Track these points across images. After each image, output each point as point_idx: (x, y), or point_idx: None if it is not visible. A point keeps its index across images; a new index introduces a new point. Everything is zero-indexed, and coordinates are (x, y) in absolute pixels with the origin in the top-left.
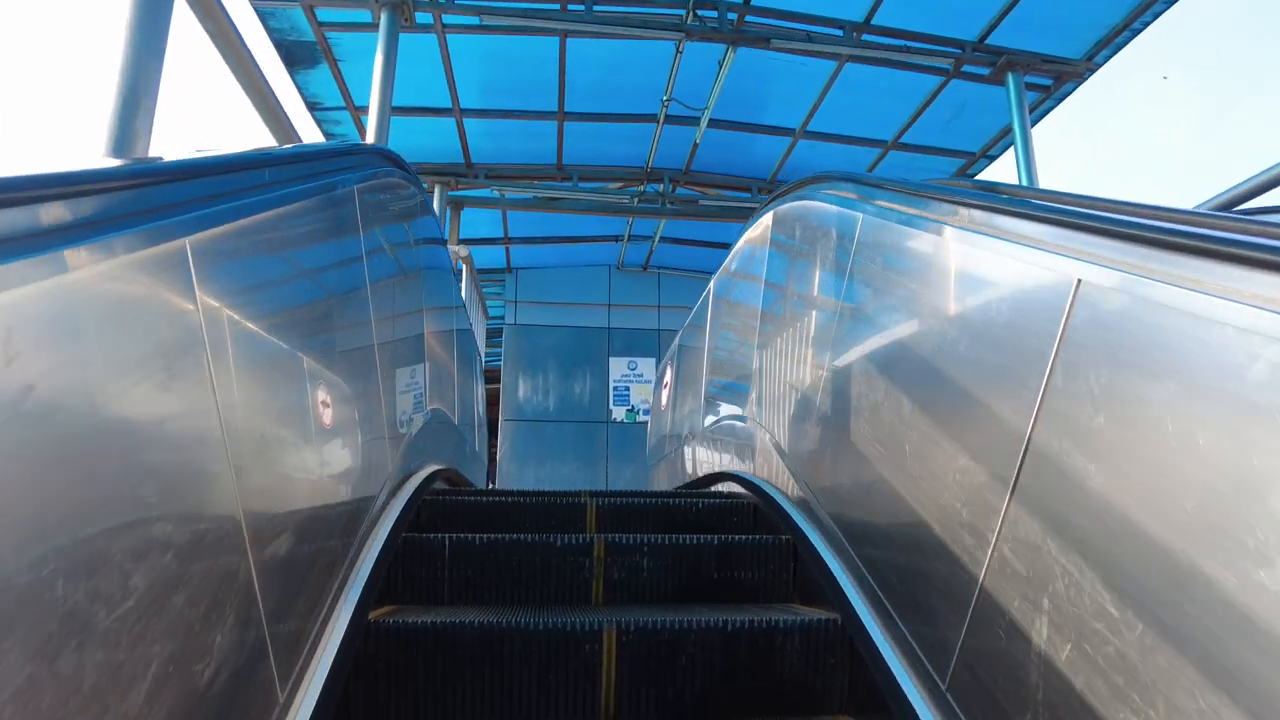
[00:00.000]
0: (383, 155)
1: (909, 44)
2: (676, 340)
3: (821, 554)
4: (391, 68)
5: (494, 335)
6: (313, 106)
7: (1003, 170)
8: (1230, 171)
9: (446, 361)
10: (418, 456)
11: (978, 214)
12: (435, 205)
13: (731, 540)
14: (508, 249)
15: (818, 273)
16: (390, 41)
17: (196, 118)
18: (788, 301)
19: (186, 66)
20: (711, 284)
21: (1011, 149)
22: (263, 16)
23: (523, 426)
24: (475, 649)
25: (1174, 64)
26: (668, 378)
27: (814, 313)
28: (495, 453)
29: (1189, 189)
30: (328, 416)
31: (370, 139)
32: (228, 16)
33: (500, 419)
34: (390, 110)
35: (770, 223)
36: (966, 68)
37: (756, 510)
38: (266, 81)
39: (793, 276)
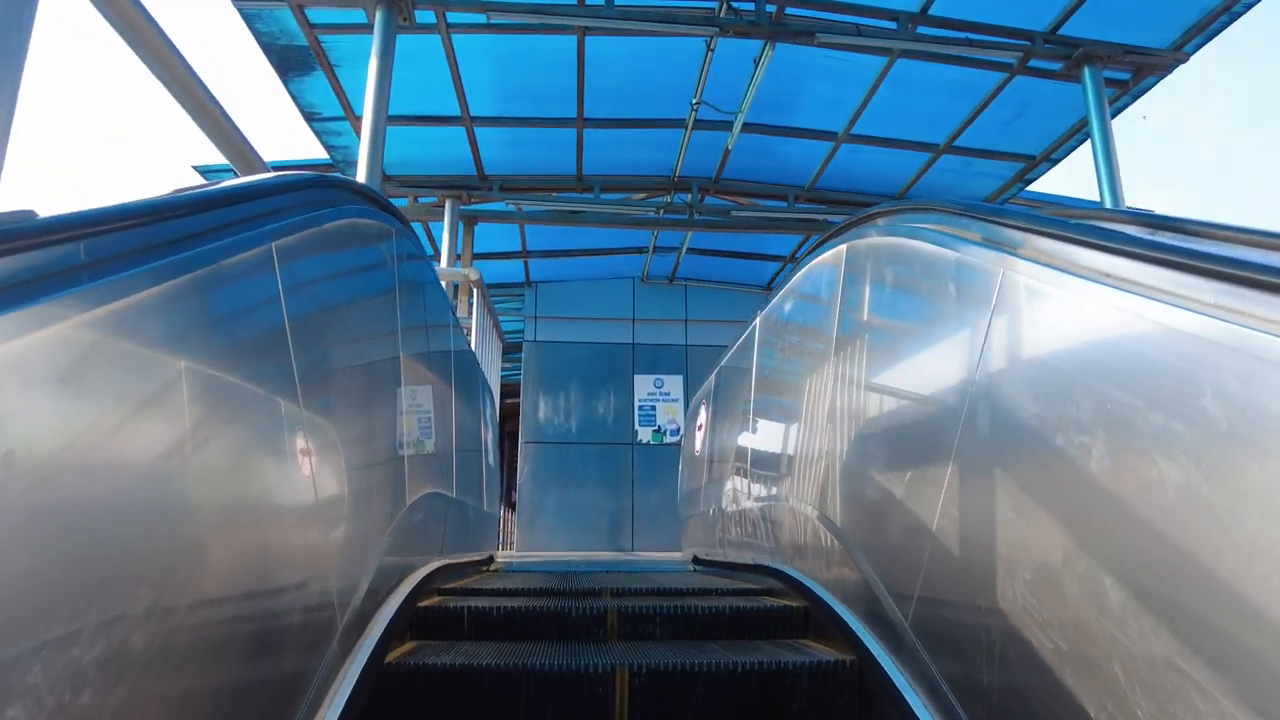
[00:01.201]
0: (333, 188)
1: (970, 36)
2: (713, 377)
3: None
4: (388, 72)
5: (512, 350)
6: (310, 117)
7: (1065, 175)
8: None
9: (444, 429)
10: (408, 554)
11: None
12: (445, 222)
13: (782, 666)
14: (526, 263)
15: (925, 334)
16: (386, 43)
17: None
18: (872, 363)
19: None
20: (757, 321)
21: (1074, 153)
22: (248, 19)
23: (543, 449)
24: None
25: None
26: (702, 418)
27: (917, 384)
28: (515, 478)
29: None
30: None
31: (364, 152)
32: (146, 15)
33: (520, 441)
34: (387, 119)
35: (844, 258)
36: (1034, 62)
37: (808, 615)
38: (209, 92)
39: (883, 332)
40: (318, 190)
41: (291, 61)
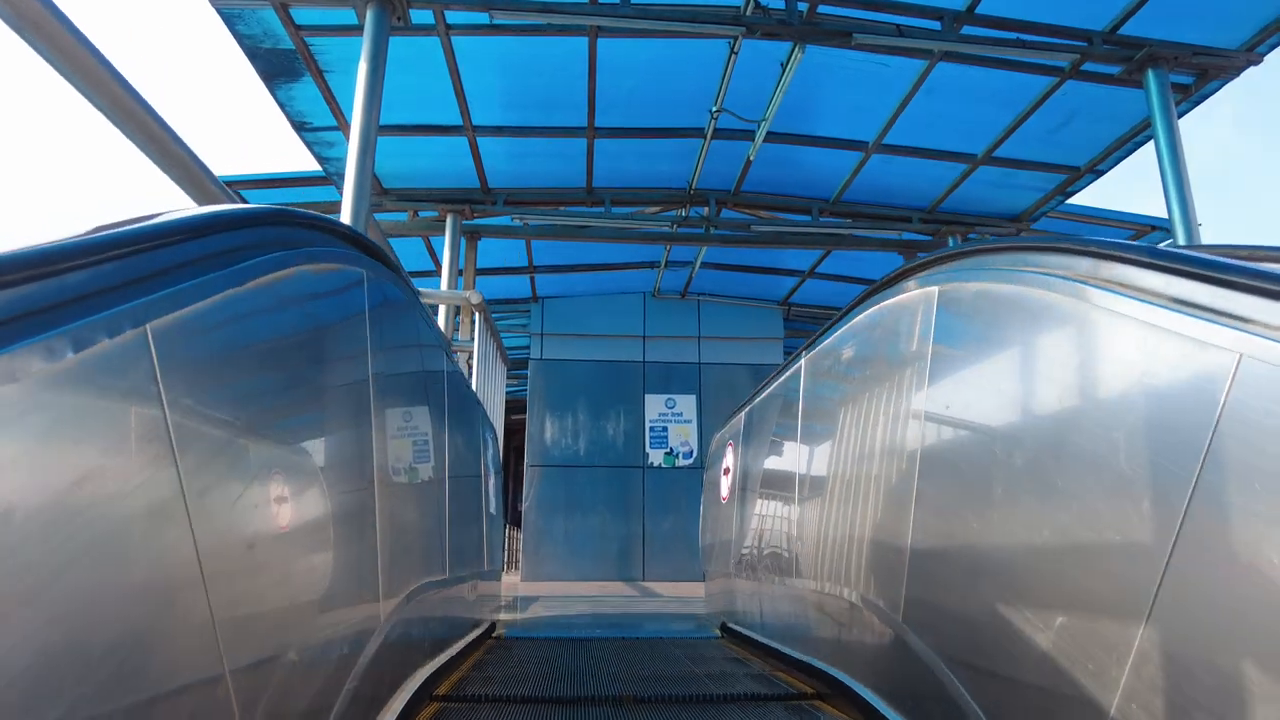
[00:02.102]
0: (275, 225)
1: (1021, 37)
2: (741, 416)
3: None
4: (380, 77)
5: (518, 366)
6: (300, 126)
7: (1110, 188)
8: None
9: (435, 506)
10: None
11: None
12: (446, 238)
13: None
14: (532, 278)
15: (1078, 423)
16: (378, 45)
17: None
18: (989, 444)
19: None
20: (802, 364)
21: (1122, 163)
22: (228, 19)
23: (550, 472)
24: None
25: None
26: (728, 461)
27: (1075, 492)
28: (520, 505)
29: None
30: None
31: (351, 164)
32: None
33: (525, 464)
34: (380, 129)
35: (936, 303)
36: (1088, 65)
37: None
38: (150, 108)
39: (1003, 405)
40: (244, 231)
41: (278, 67)
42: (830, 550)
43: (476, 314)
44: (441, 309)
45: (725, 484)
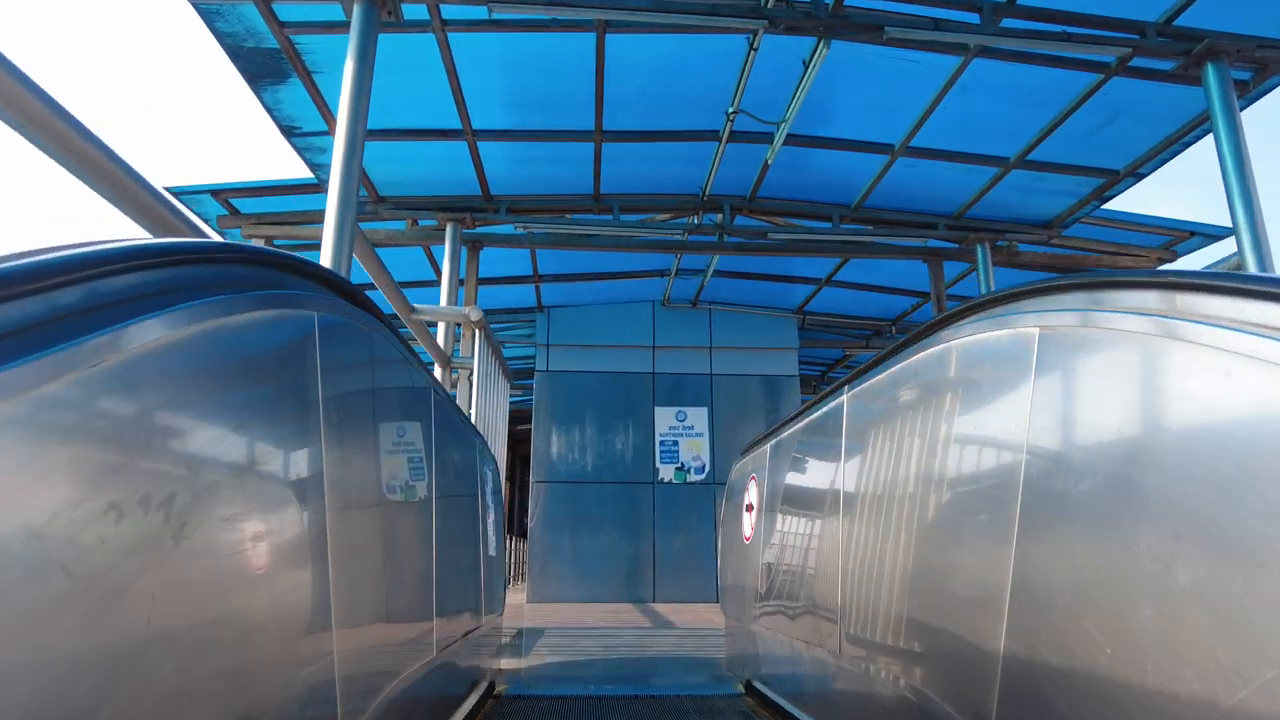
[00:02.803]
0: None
1: (1067, 30)
2: (766, 449)
3: None
4: (367, 76)
5: (524, 375)
6: (290, 131)
7: (1150, 192)
8: None
9: (422, 575)
10: None
11: None
12: (446, 247)
13: None
14: (537, 287)
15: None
16: (366, 42)
17: None
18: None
19: None
20: (844, 399)
21: (1164, 166)
22: (206, 16)
23: (557, 489)
24: None
25: None
26: (750, 497)
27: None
28: (526, 521)
29: None
30: None
31: (336, 171)
32: None
33: (531, 480)
34: (369, 133)
35: (1037, 345)
36: (1138, 60)
37: None
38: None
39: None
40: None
41: (262, 67)
42: (883, 623)
43: (477, 331)
44: (441, 325)
45: (748, 522)
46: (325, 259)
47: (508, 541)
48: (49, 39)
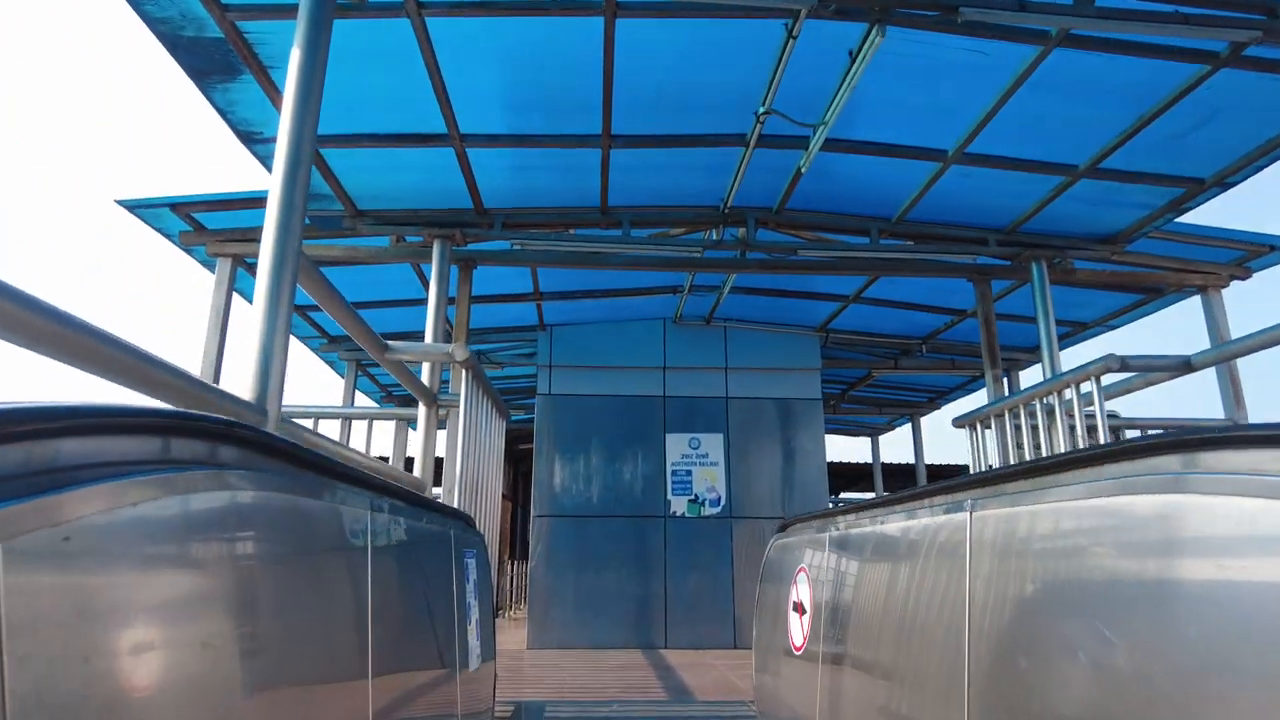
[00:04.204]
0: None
1: (1180, 9)
2: (828, 539)
3: None
4: (318, 69)
5: (525, 395)
6: (249, 138)
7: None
8: None
9: None
10: None
11: None
12: (434, 267)
13: None
14: (539, 305)
15: None
16: (317, 29)
17: None
18: None
19: None
20: (969, 518)
21: (1262, 173)
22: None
23: (560, 524)
24: None
25: None
26: (800, 594)
27: None
28: (527, 561)
29: None
30: None
31: (276, 185)
32: None
33: (532, 514)
34: (315, 138)
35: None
36: (1253, 50)
37: None
38: None
39: None
40: None
41: (209, 61)
42: None
43: (465, 371)
44: (425, 366)
45: (797, 626)
46: (258, 298)
47: (509, 566)
48: None
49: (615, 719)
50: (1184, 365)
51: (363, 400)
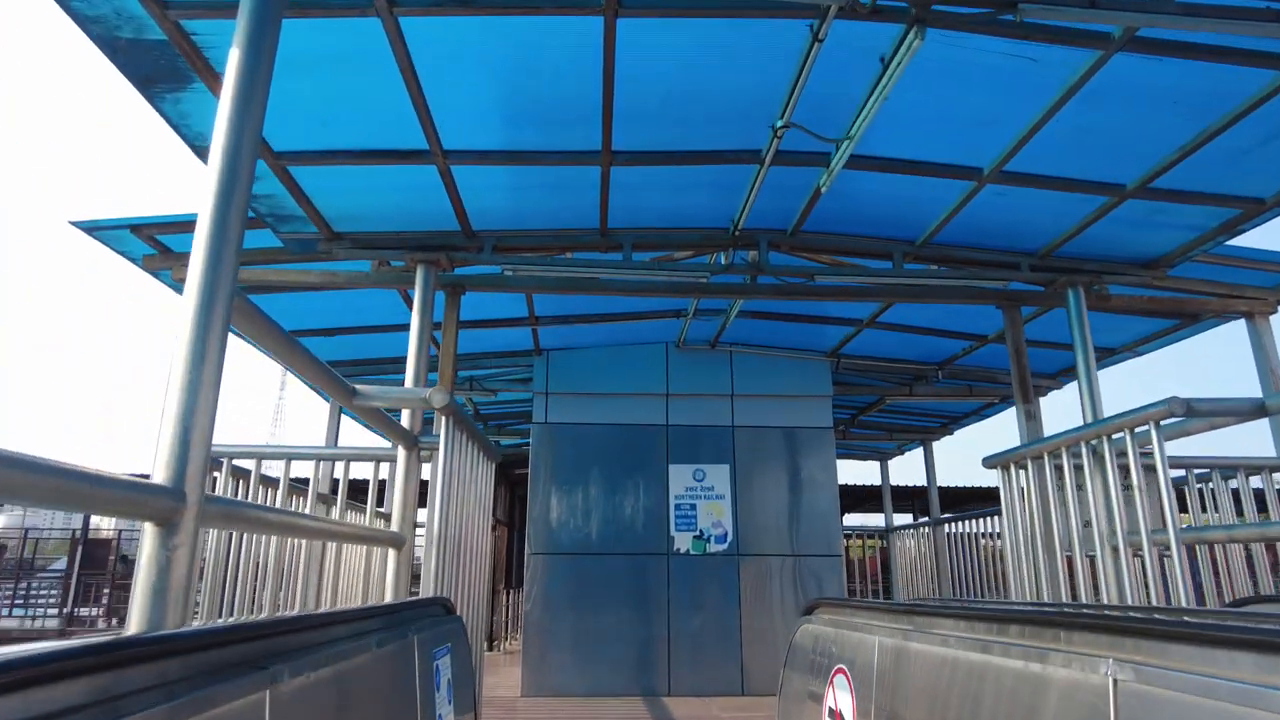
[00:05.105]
0: None
1: (1272, 4)
2: (875, 644)
3: None
4: (261, 73)
5: (520, 420)
6: (206, 153)
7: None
8: None
9: None
10: None
11: None
12: (417, 294)
13: None
14: (535, 330)
15: None
16: (259, 24)
17: None
18: None
19: None
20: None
21: None
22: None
23: (556, 562)
24: None
25: None
26: (839, 700)
27: None
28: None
29: None
30: None
31: (206, 211)
32: None
33: (527, 552)
34: (257, 151)
35: None
36: None
37: None
38: None
39: None
40: None
41: (154, 67)
42: None
43: (443, 419)
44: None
45: None
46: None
47: (504, 597)
48: None
49: None
50: (1258, 410)
51: (349, 426)
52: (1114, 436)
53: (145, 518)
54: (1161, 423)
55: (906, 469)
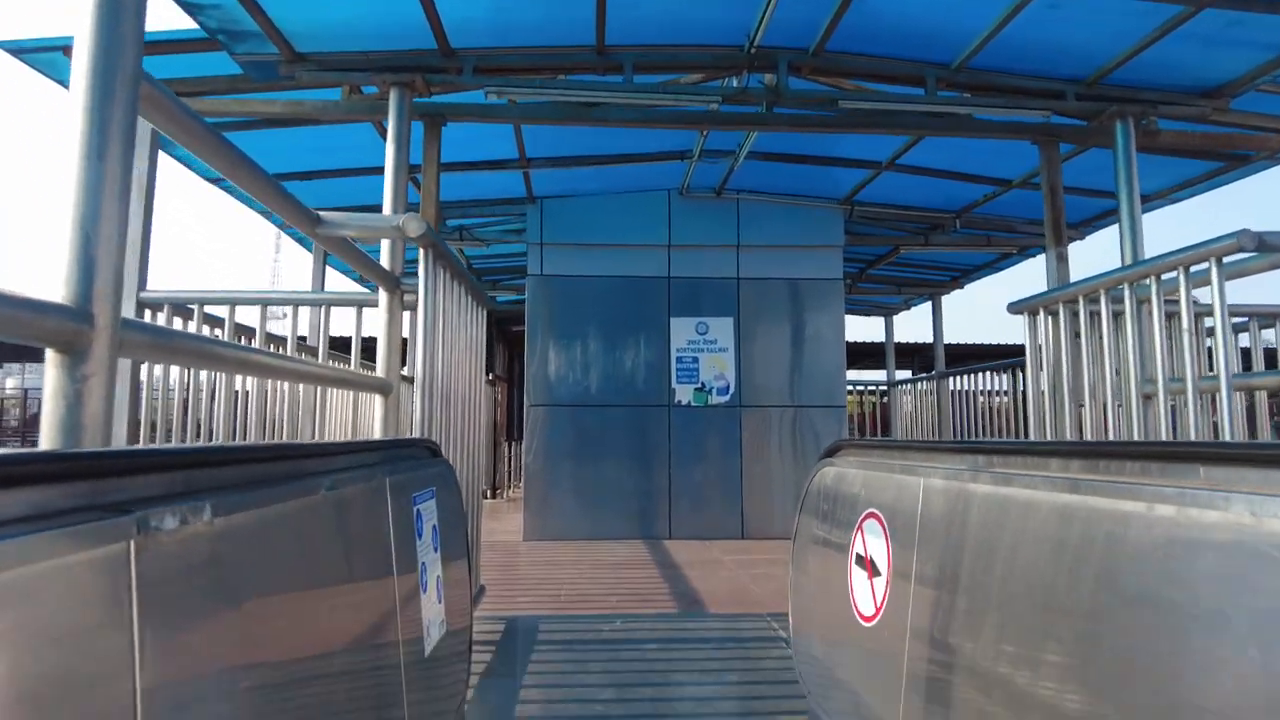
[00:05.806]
0: None
1: None
2: (920, 486)
3: None
4: None
5: (516, 274)
6: None
7: None
8: None
9: None
10: None
11: None
12: (390, 123)
13: None
14: (526, 174)
15: None
16: None
17: None
18: None
19: None
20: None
21: None
22: None
23: (555, 413)
24: None
25: None
26: (868, 546)
27: None
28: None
29: None
30: None
31: (86, 31)
32: None
33: (525, 404)
34: None
35: None
36: None
37: None
38: None
39: None
40: None
41: None
42: None
43: (422, 252)
44: (384, 244)
45: (866, 591)
46: (70, 142)
47: (506, 448)
48: None
49: (618, 640)
50: None
51: (339, 281)
52: (1165, 277)
53: (42, 341)
54: (1225, 259)
55: (903, 327)
